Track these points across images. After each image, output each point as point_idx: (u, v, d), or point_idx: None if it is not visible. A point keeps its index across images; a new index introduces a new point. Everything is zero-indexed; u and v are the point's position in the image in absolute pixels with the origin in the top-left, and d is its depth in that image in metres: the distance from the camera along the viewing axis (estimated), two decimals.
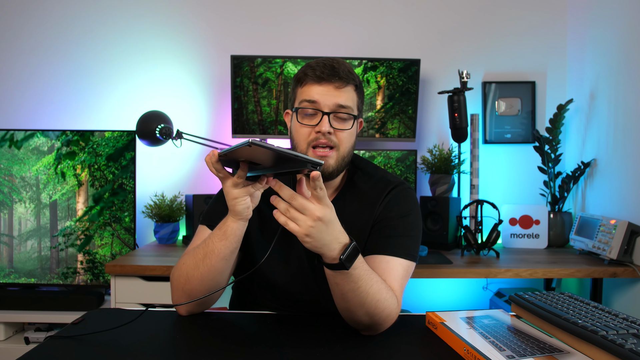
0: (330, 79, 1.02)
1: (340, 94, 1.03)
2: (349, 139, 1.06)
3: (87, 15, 2.33)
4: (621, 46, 1.90)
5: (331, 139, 1.03)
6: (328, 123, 1.02)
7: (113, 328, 0.92)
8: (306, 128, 1.04)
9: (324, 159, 1.03)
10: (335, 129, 1.03)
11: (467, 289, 2.33)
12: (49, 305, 1.89)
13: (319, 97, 1.02)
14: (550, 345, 0.82)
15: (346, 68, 1.05)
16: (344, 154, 1.06)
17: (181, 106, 2.34)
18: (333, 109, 1.02)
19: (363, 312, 0.90)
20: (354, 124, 1.06)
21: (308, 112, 1.04)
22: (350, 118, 1.05)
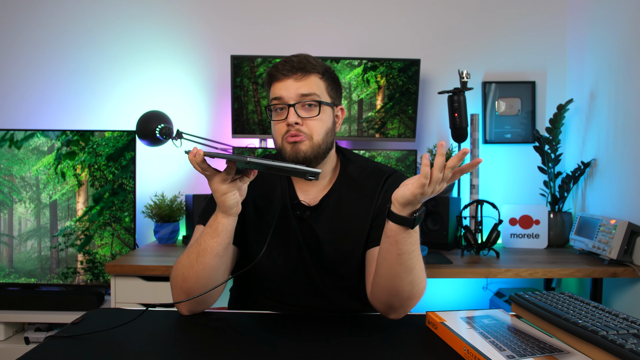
0: (289, 73, 1.06)
1: (301, 84, 1.07)
2: (321, 125, 1.08)
3: (87, 15, 2.33)
4: (621, 46, 1.90)
5: (301, 129, 1.06)
6: (295, 114, 1.05)
7: (113, 328, 0.92)
8: (278, 124, 1.08)
9: (296, 145, 1.06)
10: (303, 119, 1.06)
11: (467, 289, 2.33)
12: (49, 305, 1.89)
13: (282, 91, 1.07)
14: (550, 345, 0.82)
15: (306, 60, 1.08)
16: (319, 142, 1.07)
17: (181, 106, 2.34)
18: (297, 100, 1.06)
19: (410, 278, 0.95)
20: (320, 110, 1.07)
21: (277, 109, 1.08)
22: (317, 105, 1.07)
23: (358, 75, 2.19)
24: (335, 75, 1.14)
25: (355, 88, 2.19)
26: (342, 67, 2.18)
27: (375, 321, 1.03)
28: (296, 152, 1.06)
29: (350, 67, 2.18)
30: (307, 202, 1.12)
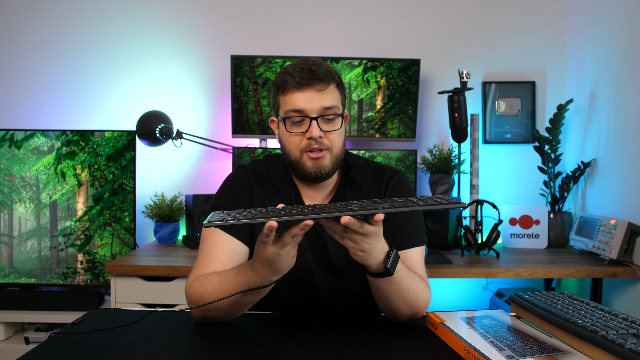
0: (311, 83, 1.01)
1: (324, 96, 1.02)
2: (340, 137, 1.07)
3: (87, 15, 2.33)
4: (621, 46, 1.90)
5: (323, 142, 1.03)
6: (317, 128, 1.02)
7: (113, 328, 0.92)
8: (296, 136, 1.04)
9: (319, 161, 1.04)
10: (325, 132, 1.03)
11: (467, 289, 2.33)
12: (49, 305, 1.89)
13: (303, 103, 1.02)
14: (550, 345, 0.82)
15: (324, 68, 1.04)
16: (338, 153, 1.07)
17: (181, 106, 2.34)
18: (320, 113, 1.02)
19: (406, 306, 0.97)
20: (342, 123, 1.06)
21: (295, 120, 1.04)
22: (338, 117, 1.05)
23: (358, 75, 2.19)
24: (343, 83, 1.12)
25: (355, 88, 2.19)
26: (342, 67, 2.18)
27: (375, 322, 1.03)
28: (319, 168, 1.04)
29: (350, 67, 2.18)
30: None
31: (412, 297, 0.96)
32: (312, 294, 1.10)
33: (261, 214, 0.78)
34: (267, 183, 1.14)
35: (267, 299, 1.13)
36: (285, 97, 1.04)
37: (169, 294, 1.72)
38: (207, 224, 0.78)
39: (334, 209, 0.78)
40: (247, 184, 1.13)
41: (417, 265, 1.06)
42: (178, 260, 1.79)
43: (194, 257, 1.82)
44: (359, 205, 0.80)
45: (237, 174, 1.16)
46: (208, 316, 0.98)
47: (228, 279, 0.93)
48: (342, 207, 0.80)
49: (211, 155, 2.35)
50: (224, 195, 1.12)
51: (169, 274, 1.70)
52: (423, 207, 0.78)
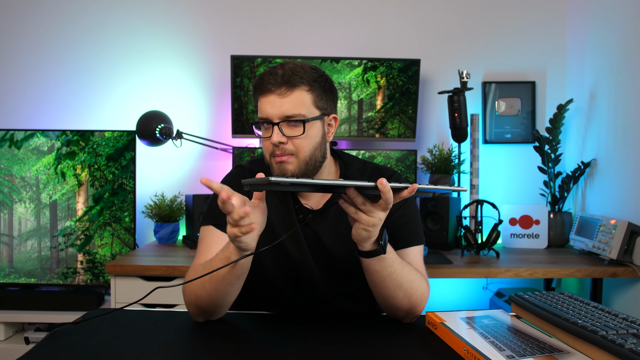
0: (272, 88, 1.01)
1: (285, 102, 1.01)
2: (308, 142, 1.04)
3: (87, 15, 2.33)
4: (621, 46, 1.90)
5: (285, 148, 1.03)
6: (278, 133, 1.01)
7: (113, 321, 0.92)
8: (266, 141, 1.05)
9: (282, 165, 1.04)
10: (289, 137, 1.02)
11: (467, 289, 2.33)
12: (49, 305, 1.89)
13: (267, 109, 1.02)
14: (550, 345, 0.82)
15: (291, 71, 1.02)
16: (305, 159, 1.04)
17: (181, 106, 2.34)
18: (281, 118, 1.02)
19: (402, 294, 0.97)
20: (305, 129, 1.02)
21: (264, 125, 1.05)
22: (301, 124, 1.02)
23: (358, 75, 2.19)
24: (328, 83, 1.08)
25: (355, 88, 2.19)
26: (342, 67, 2.18)
27: (375, 322, 1.03)
28: (283, 172, 1.04)
29: (350, 67, 2.18)
30: (310, 206, 1.12)
31: (406, 284, 0.97)
32: (311, 293, 1.10)
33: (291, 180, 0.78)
34: None
35: (267, 299, 1.14)
36: (258, 102, 1.06)
37: (169, 294, 1.72)
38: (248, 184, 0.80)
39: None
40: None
41: (416, 262, 1.07)
42: (178, 260, 1.79)
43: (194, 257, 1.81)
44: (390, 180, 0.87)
45: (235, 173, 1.16)
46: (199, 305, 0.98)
47: (214, 257, 0.96)
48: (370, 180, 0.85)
49: (211, 155, 2.35)
50: None
51: (169, 274, 1.70)
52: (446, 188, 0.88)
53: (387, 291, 0.97)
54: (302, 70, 1.03)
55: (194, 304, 0.99)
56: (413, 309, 1.00)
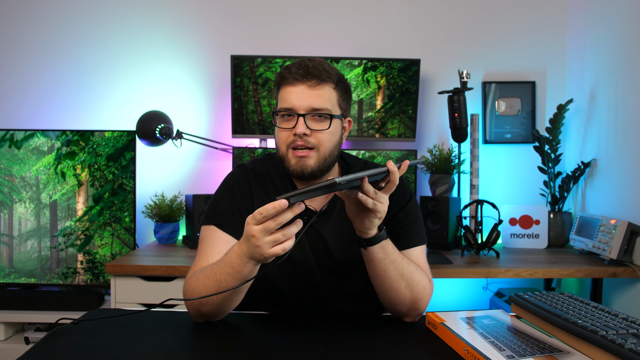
0: (303, 79, 1.03)
1: (314, 94, 1.03)
2: (329, 138, 1.05)
3: (87, 15, 2.33)
4: (621, 46, 1.90)
5: (308, 140, 1.03)
6: (304, 125, 1.02)
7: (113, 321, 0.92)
8: (284, 131, 1.05)
9: (302, 160, 1.04)
10: (313, 130, 1.03)
11: (467, 289, 2.33)
12: (49, 305, 1.89)
13: (293, 99, 1.03)
14: (550, 345, 0.82)
15: (321, 66, 1.04)
16: (325, 154, 1.05)
17: (181, 106, 2.34)
18: (308, 111, 1.02)
19: (404, 284, 0.98)
20: (331, 124, 1.04)
21: (285, 115, 1.04)
22: (327, 118, 1.04)
23: (358, 75, 2.19)
24: (348, 86, 1.11)
25: (355, 88, 2.19)
26: (342, 67, 2.18)
27: (375, 322, 1.03)
28: (302, 167, 1.04)
29: (350, 67, 2.18)
30: (313, 207, 1.11)
31: (408, 274, 0.98)
32: (312, 294, 1.10)
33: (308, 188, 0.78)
34: (267, 182, 1.13)
35: (267, 300, 1.13)
36: (280, 92, 1.07)
37: (169, 294, 1.71)
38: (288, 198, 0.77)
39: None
40: (246, 183, 1.13)
41: (420, 262, 1.07)
42: (178, 260, 1.79)
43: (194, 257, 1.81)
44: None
45: (237, 172, 1.16)
46: (202, 311, 0.97)
47: (217, 262, 0.94)
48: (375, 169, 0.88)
49: (211, 155, 2.35)
50: (224, 195, 1.12)
51: (169, 274, 1.70)
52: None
53: (389, 281, 0.97)
54: (330, 67, 1.06)
55: (197, 309, 0.98)
56: (416, 303, 1.00)
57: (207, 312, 0.97)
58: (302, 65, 1.03)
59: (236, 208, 1.08)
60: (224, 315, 1.00)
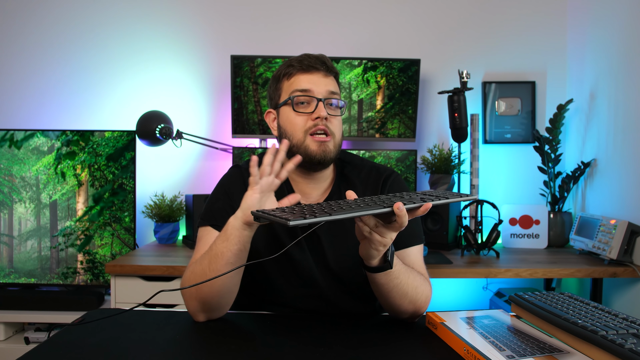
0: (318, 68, 1.07)
1: (329, 82, 1.08)
2: (340, 127, 1.10)
3: (87, 15, 2.33)
4: (621, 46, 1.90)
5: (328, 125, 1.05)
6: (324, 109, 1.04)
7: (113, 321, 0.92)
8: (302, 116, 1.05)
9: (324, 144, 1.05)
10: (329, 116, 1.05)
11: (467, 289, 2.33)
12: (49, 305, 1.89)
13: (311, 85, 1.05)
14: (550, 345, 0.82)
15: (328, 60, 1.09)
16: (338, 143, 1.09)
17: (181, 106, 2.34)
18: (326, 95, 1.06)
19: (407, 301, 0.97)
20: (343, 111, 1.10)
21: (302, 101, 1.06)
22: (338, 107, 1.09)
23: (358, 75, 2.19)
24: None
25: (355, 88, 2.19)
26: (342, 67, 2.18)
27: (375, 322, 1.03)
28: (324, 152, 1.05)
29: (350, 67, 2.18)
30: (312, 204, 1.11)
31: (412, 292, 0.97)
32: (311, 292, 1.10)
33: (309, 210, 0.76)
34: None
35: (267, 299, 1.13)
36: (291, 80, 1.07)
37: (169, 294, 1.72)
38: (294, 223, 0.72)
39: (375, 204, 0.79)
40: (241, 184, 1.13)
41: (417, 263, 1.07)
42: (178, 260, 1.79)
43: None
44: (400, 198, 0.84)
45: (232, 173, 1.16)
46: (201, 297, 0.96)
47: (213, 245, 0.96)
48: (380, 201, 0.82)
49: (211, 155, 2.35)
50: (219, 196, 1.13)
51: (169, 274, 1.70)
52: (458, 198, 0.88)
53: (392, 300, 0.97)
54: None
55: (194, 297, 0.97)
56: (417, 311, 1.00)
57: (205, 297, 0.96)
58: (312, 56, 1.07)
59: (231, 208, 1.08)
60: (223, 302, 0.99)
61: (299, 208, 0.79)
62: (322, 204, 0.81)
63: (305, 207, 0.79)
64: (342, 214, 0.74)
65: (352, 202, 0.82)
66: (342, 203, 0.81)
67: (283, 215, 0.73)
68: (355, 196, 0.87)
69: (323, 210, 0.75)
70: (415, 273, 1.00)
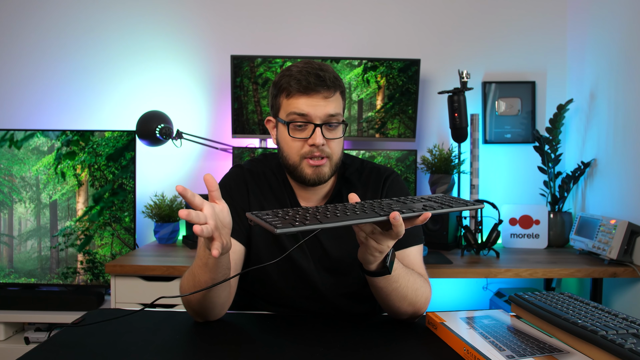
0: (319, 89, 1.00)
1: (329, 104, 1.02)
2: (340, 146, 1.07)
3: (87, 15, 2.33)
4: (621, 46, 1.90)
5: (324, 150, 1.03)
6: (321, 135, 1.02)
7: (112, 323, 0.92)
8: (298, 142, 1.03)
9: (318, 169, 1.04)
10: (327, 139, 1.03)
11: (467, 289, 2.33)
12: (49, 305, 1.89)
13: (308, 109, 1.01)
14: (550, 345, 0.82)
15: (332, 75, 1.03)
16: (337, 162, 1.07)
17: (181, 106, 2.34)
18: (324, 120, 1.02)
19: (407, 303, 0.97)
20: (343, 131, 1.07)
21: (298, 125, 1.02)
22: (339, 125, 1.05)
23: (358, 75, 2.19)
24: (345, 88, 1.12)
25: (355, 88, 2.19)
26: (342, 67, 2.18)
27: (375, 322, 1.03)
28: (319, 176, 1.04)
29: (350, 67, 2.18)
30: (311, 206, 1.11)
31: (411, 294, 0.97)
32: (311, 293, 1.10)
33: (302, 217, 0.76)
34: (263, 182, 1.14)
35: (266, 299, 1.13)
36: (290, 100, 1.03)
37: (169, 294, 1.72)
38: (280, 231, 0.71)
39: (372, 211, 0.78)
40: (243, 184, 1.13)
41: (416, 263, 1.07)
42: (178, 260, 1.79)
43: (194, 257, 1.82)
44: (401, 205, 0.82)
45: (233, 173, 1.16)
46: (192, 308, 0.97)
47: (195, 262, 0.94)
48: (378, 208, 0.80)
49: (211, 155, 2.35)
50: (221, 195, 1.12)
51: (169, 274, 1.70)
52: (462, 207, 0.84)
53: (391, 302, 0.97)
54: (336, 74, 1.06)
55: (188, 307, 0.99)
56: (417, 312, 1.01)
57: (194, 309, 0.97)
58: (313, 74, 1.00)
59: (233, 209, 1.08)
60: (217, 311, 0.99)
61: (293, 213, 0.78)
62: (317, 209, 0.80)
63: (300, 212, 0.79)
64: (334, 222, 0.73)
65: (350, 207, 0.81)
66: (339, 208, 0.80)
67: (273, 221, 0.73)
68: (357, 199, 0.86)
69: (315, 217, 0.75)
70: (415, 275, 1.00)
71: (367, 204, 0.84)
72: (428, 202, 0.87)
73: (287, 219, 0.74)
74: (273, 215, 0.77)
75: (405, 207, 0.81)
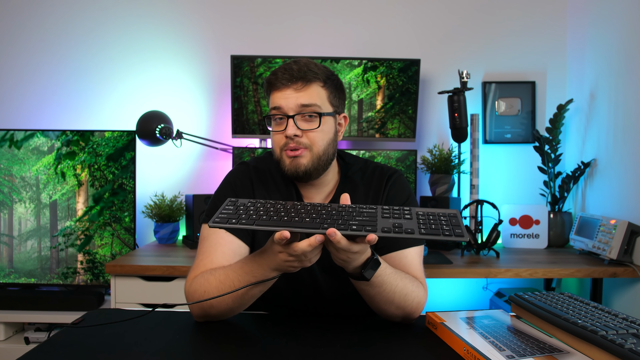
0: (289, 83, 1.02)
1: (301, 94, 1.02)
2: (322, 137, 1.05)
3: (87, 15, 2.33)
4: (621, 46, 1.90)
5: (300, 141, 1.03)
6: (294, 126, 1.02)
7: (113, 324, 0.92)
8: (277, 135, 1.05)
9: (296, 160, 1.04)
10: (303, 131, 1.03)
11: (467, 289, 2.33)
12: (49, 305, 1.89)
13: (280, 101, 1.03)
14: (550, 345, 0.82)
15: (306, 67, 1.03)
16: (319, 153, 1.05)
17: (181, 106, 2.34)
18: (297, 111, 1.02)
19: (394, 307, 0.97)
20: (321, 122, 1.04)
21: (276, 119, 1.05)
22: (317, 116, 1.03)
23: (358, 75, 2.19)
24: (339, 82, 1.10)
25: (355, 88, 2.19)
26: (342, 67, 2.18)
27: (375, 322, 1.03)
28: (296, 167, 1.04)
29: (350, 67, 2.18)
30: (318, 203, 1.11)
31: (399, 299, 0.95)
32: (311, 293, 1.10)
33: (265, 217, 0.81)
34: (268, 179, 1.14)
35: (266, 300, 1.13)
36: (270, 97, 1.06)
37: (169, 294, 1.72)
38: (212, 224, 0.80)
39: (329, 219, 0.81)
40: (248, 181, 1.13)
41: (414, 265, 1.06)
42: (178, 260, 1.79)
43: (194, 257, 1.81)
44: (354, 222, 0.80)
45: (239, 170, 1.16)
46: (209, 313, 0.97)
47: (234, 269, 0.94)
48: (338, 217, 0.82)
49: (211, 155, 2.35)
50: (226, 192, 1.12)
51: (169, 274, 1.70)
52: (422, 236, 0.79)
53: (377, 305, 0.97)
54: (316, 66, 1.05)
55: (205, 311, 0.97)
56: (407, 317, 0.99)
57: (215, 314, 0.97)
58: (287, 69, 1.03)
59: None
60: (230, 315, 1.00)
61: (254, 210, 0.84)
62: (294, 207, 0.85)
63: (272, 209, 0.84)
64: (269, 225, 0.79)
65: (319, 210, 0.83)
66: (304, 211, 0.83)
67: (220, 213, 0.83)
68: (348, 201, 0.88)
69: (261, 217, 0.81)
70: (408, 279, 0.98)
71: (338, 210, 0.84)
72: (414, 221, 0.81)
73: (237, 214, 0.81)
74: (234, 207, 0.84)
75: (356, 223, 0.79)
